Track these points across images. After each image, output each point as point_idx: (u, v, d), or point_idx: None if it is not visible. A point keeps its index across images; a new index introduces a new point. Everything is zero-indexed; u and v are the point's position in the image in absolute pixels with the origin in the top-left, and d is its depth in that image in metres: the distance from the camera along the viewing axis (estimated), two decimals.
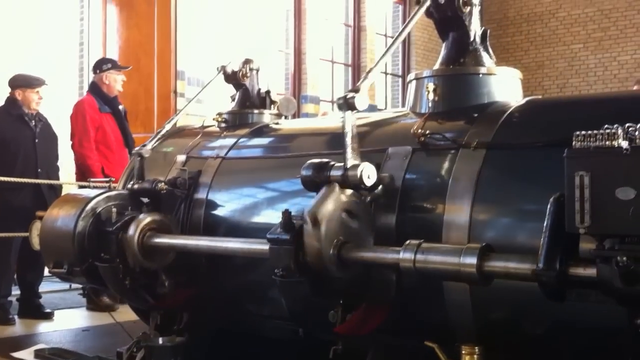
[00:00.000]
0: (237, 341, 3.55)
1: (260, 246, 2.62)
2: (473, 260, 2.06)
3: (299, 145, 3.51)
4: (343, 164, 2.48)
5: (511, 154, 2.51)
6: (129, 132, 6.19)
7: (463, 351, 2.31)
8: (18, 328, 5.22)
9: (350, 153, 2.49)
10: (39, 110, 5.70)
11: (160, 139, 3.85)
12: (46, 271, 3.91)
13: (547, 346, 2.34)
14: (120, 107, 6.20)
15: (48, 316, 5.52)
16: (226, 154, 3.56)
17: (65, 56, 9.20)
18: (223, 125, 3.92)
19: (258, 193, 3.39)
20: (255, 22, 10.41)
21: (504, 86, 2.91)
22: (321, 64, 11.61)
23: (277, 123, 3.85)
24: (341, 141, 2.53)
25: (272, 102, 4.04)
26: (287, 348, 3.34)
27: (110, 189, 3.54)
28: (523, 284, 2.03)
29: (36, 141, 5.59)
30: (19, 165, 5.48)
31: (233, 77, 4.02)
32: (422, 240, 2.24)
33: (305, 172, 2.56)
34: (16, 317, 5.40)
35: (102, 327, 5.02)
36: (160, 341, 3.29)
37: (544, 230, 1.93)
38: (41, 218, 3.51)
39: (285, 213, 2.47)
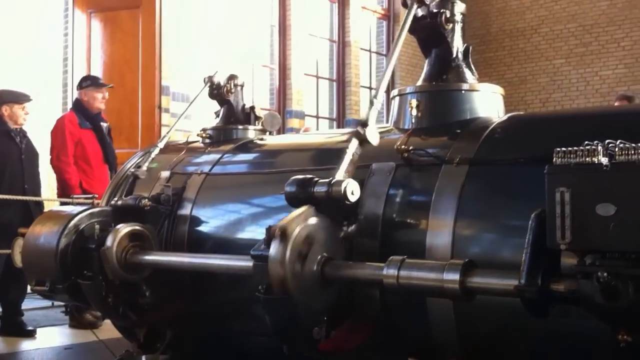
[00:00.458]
0: (221, 359, 3.53)
1: (243, 263, 2.61)
2: (456, 276, 2.07)
3: (284, 161, 3.51)
4: (327, 180, 2.49)
5: (494, 170, 2.53)
6: (110, 149, 6.22)
7: None
8: (0, 346, 5.16)
9: (342, 172, 2.50)
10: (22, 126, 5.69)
11: (153, 158, 3.83)
12: (29, 288, 3.88)
13: None
14: (105, 125, 6.25)
15: (30, 334, 5.46)
16: (210, 170, 3.56)
17: (49, 72, 9.17)
18: (207, 141, 3.92)
19: (242, 209, 3.39)
20: (240, 38, 10.44)
21: (486, 102, 2.94)
22: (306, 79, 11.65)
23: (262, 139, 3.86)
24: (326, 157, 2.54)
25: (257, 118, 4.05)
26: None
27: (93, 206, 3.53)
28: (506, 300, 2.04)
29: (22, 157, 5.57)
30: (6, 181, 5.46)
31: (217, 93, 4.02)
32: (406, 256, 2.25)
33: (289, 189, 2.56)
34: None
35: (85, 345, 4.97)
36: (143, 359, 3.26)
37: (526, 246, 1.94)
38: (24, 235, 3.48)
39: (269, 229, 2.46)
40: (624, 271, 1.77)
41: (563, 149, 1.88)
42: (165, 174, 3.67)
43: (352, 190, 2.46)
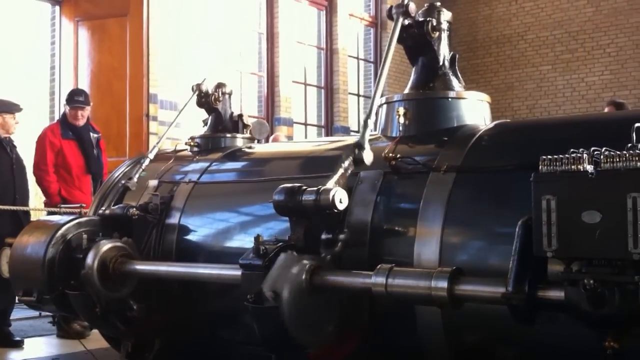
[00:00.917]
0: None
1: (232, 272, 2.61)
2: (444, 284, 2.08)
3: (272, 169, 3.52)
4: (316, 189, 2.49)
5: (480, 177, 2.55)
6: (94, 159, 6.30)
7: None
8: None
9: (334, 181, 2.51)
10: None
11: (144, 169, 3.82)
12: (16, 298, 3.85)
13: None
14: (95, 135, 6.35)
15: (18, 344, 5.41)
16: (199, 179, 3.55)
17: (36, 80, 9.14)
18: (195, 149, 3.91)
19: (231, 217, 3.38)
20: (228, 45, 10.44)
21: (473, 109, 2.96)
22: (294, 87, 11.66)
23: (250, 147, 3.85)
24: (313, 165, 2.56)
25: (245, 126, 4.05)
26: None
27: (80, 215, 3.51)
28: (494, 307, 2.05)
29: (14, 167, 5.57)
30: None
31: (205, 101, 4.02)
32: (394, 264, 2.25)
33: (277, 197, 2.56)
34: None
35: (73, 355, 4.93)
36: None
37: (513, 253, 1.96)
38: (11, 245, 3.46)
39: (257, 238, 2.47)
40: (610, 278, 1.79)
41: (549, 157, 1.90)
42: (153, 183, 3.66)
43: (340, 198, 2.47)
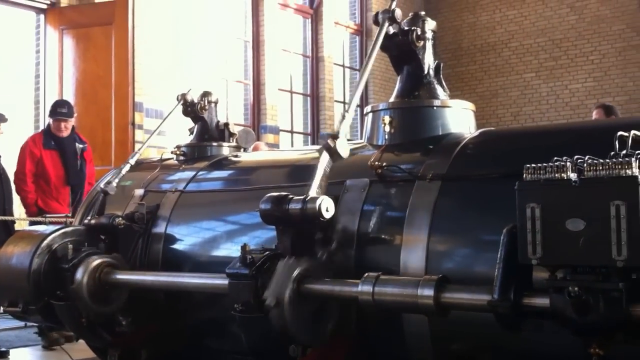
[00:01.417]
0: None
1: (219, 281, 2.61)
2: (430, 292, 2.09)
3: (258, 178, 3.51)
4: (302, 197, 2.50)
5: (466, 185, 2.56)
6: (75, 171, 6.30)
7: None
8: None
9: (315, 188, 2.51)
10: None
11: (123, 175, 3.81)
12: (1, 309, 3.82)
13: None
14: (80, 146, 6.36)
15: (3, 355, 5.37)
16: (185, 188, 3.55)
17: (20, 89, 9.09)
18: (181, 158, 3.90)
19: (217, 226, 3.38)
20: (213, 53, 10.44)
21: (458, 118, 2.98)
22: (280, 94, 11.67)
23: (236, 155, 3.85)
24: (300, 174, 2.55)
25: (231, 135, 4.05)
26: None
27: (66, 225, 3.50)
28: (480, 315, 2.06)
29: (2, 177, 5.56)
30: None
31: (191, 110, 4.02)
32: (380, 272, 2.26)
33: (264, 206, 2.56)
34: None
35: None
36: None
37: (498, 261, 1.97)
38: None
39: (244, 247, 2.47)
40: (595, 285, 1.80)
41: (533, 165, 1.91)
42: (139, 192, 3.65)
43: (327, 207, 2.47)
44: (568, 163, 1.87)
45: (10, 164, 6.21)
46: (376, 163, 2.74)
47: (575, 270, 1.84)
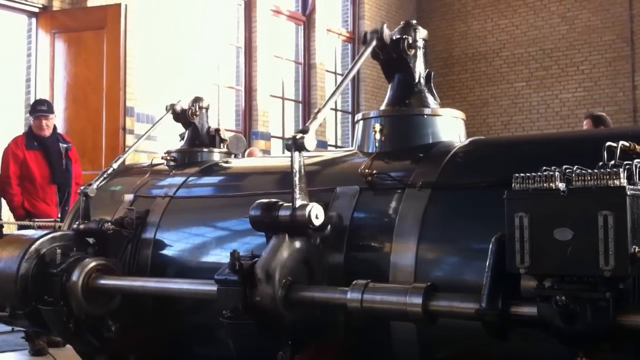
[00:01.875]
0: None
1: (208, 287, 2.60)
2: (418, 300, 2.09)
3: (249, 184, 3.51)
4: (291, 204, 2.50)
5: (455, 194, 2.57)
6: (60, 169, 6.26)
7: None
8: None
9: (298, 193, 2.51)
10: None
11: (106, 178, 3.80)
12: None
13: None
14: (64, 145, 6.32)
15: None
16: (175, 193, 3.54)
17: (11, 93, 9.06)
18: (172, 163, 3.89)
19: (207, 232, 3.37)
20: (205, 59, 10.44)
21: (448, 126, 2.99)
22: (272, 101, 11.69)
23: (227, 162, 3.85)
24: (291, 180, 2.54)
25: (222, 140, 4.04)
26: None
27: (55, 230, 3.48)
28: (469, 323, 2.06)
29: None
30: None
31: (182, 116, 4.01)
32: (369, 280, 2.26)
33: (253, 212, 2.56)
34: None
35: None
36: None
37: (486, 269, 1.97)
38: None
39: (233, 254, 2.46)
40: (582, 294, 1.81)
41: (521, 175, 1.92)
42: (128, 197, 3.64)
43: (317, 214, 2.48)
44: (556, 173, 1.88)
45: None
46: (366, 170, 2.75)
47: (562, 279, 1.85)
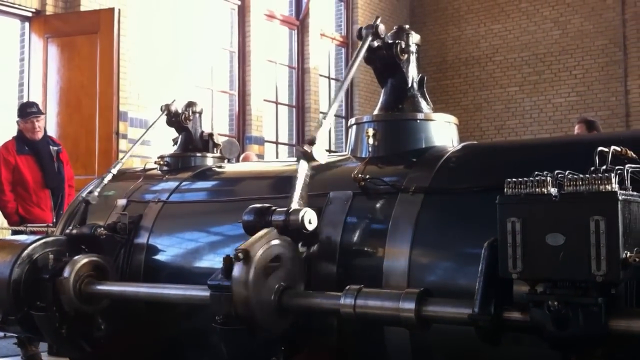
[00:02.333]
0: None
1: (201, 293, 2.59)
2: (411, 305, 2.09)
3: (242, 189, 3.51)
4: (285, 209, 2.50)
5: (448, 199, 2.57)
6: (53, 173, 6.22)
7: None
8: None
9: (297, 199, 2.51)
10: None
11: (106, 184, 3.78)
12: None
13: None
14: (54, 148, 6.27)
15: None
16: (168, 198, 3.53)
17: (4, 97, 9.03)
18: (165, 168, 3.89)
19: (200, 237, 3.37)
20: (199, 63, 10.44)
21: (441, 131, 2.99)
22: (265, 105, 11.69)
23: (220, 166, 3.85)
24: (284, 185, 2.55)
25: (215, 145, 4.04)
26: None
27: (47, 235, 3.47)
28: (461, 328, 2.07)
29: None
30: None
31: (175, 120, 4.01)
32: (362, 285, 2.26)
33: (246, 217, 2.56)
34: None
35: None
36: None
37: (479, 275, 1.98)
38: None
39: (226, 259, 2.46)
40: (574, 299, 1.81)
41: (514, 180, 1.93)
42: (121, 202, 3.63)
43: (310, 219, 2.48)
44: (549, 178, 1.89)
45: None
46: (359, 175, 2.75)
47: (555, 284, 1.85)
